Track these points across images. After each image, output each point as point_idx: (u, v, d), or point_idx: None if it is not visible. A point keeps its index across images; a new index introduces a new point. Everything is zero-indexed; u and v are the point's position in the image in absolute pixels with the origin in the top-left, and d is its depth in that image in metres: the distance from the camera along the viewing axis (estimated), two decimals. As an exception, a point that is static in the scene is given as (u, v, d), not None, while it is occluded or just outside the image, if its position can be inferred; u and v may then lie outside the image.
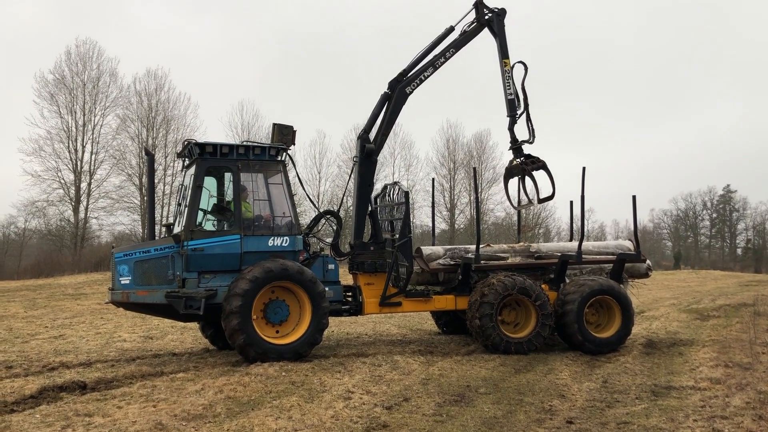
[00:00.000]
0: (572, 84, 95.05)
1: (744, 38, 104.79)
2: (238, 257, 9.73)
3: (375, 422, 6.44)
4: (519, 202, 12.92)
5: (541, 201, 12.40)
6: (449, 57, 11.85)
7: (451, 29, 12.06)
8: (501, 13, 12.32)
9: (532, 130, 12.31)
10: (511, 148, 12.56)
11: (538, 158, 12.33)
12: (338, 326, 13.94)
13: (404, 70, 11.59)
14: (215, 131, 51.51)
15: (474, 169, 16.39)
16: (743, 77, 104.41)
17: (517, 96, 12.33)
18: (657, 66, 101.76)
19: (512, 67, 12.34)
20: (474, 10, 12.25)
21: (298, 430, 6.16)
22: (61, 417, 6.52)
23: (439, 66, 11.79)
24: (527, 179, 12.43)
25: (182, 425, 6.26)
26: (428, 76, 11.71)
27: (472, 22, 12.20)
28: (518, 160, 12.45)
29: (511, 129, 12.40)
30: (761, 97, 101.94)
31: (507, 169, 12.84)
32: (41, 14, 66.52)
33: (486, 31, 12.35)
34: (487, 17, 12.27)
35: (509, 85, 12.30)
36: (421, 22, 78.01)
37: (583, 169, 11.81)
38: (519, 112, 12.34)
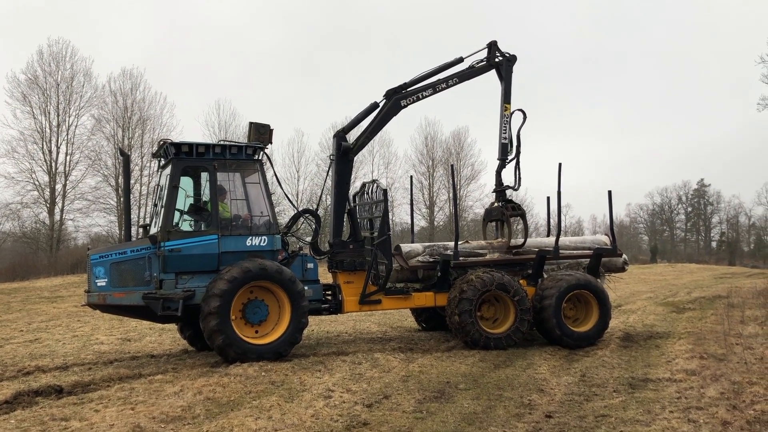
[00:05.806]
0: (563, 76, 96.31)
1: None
2: (215, 257, 9.66)
3: (355, 420, 6.45)
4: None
5: (512, 248, 12.51)
6: (451, 85, 12.00)
7: (461, 60, 12.19)
8: (512, 60, 12.53)
9: (519, 178, 12.60)
10: (494, 191, 12.86)
11: (519, 206, 12.67)
12: (318, 325, 13.90)
13: (405, 84, 11.67)
14: (192, 131, 51.10)
15: (452, 166, 16.52)
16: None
17: (510, 142, 12.55)
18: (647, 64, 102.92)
19: (512, 114, 12.55)
20: (487, 49, 12.43)
21: (279, 429, 6.14)
22: (37, 422, 6.43)
23: (439, 91, 11.93)
24: (505, 224, 12.71)
25: (161, 427, 6.21)
26: (426, 96, 11.82)
27: (482, 61, 12.39)
28: (499, 204, 12.69)
29: (498, 173, 12.73)
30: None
31: (486, 210, 13.24)
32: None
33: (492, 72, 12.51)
34: (497, 60, 12.44)
35: (505, 130, 12.53)
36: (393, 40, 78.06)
37: (559, 165, 11.91)
38: (510, 158, 12.58)
